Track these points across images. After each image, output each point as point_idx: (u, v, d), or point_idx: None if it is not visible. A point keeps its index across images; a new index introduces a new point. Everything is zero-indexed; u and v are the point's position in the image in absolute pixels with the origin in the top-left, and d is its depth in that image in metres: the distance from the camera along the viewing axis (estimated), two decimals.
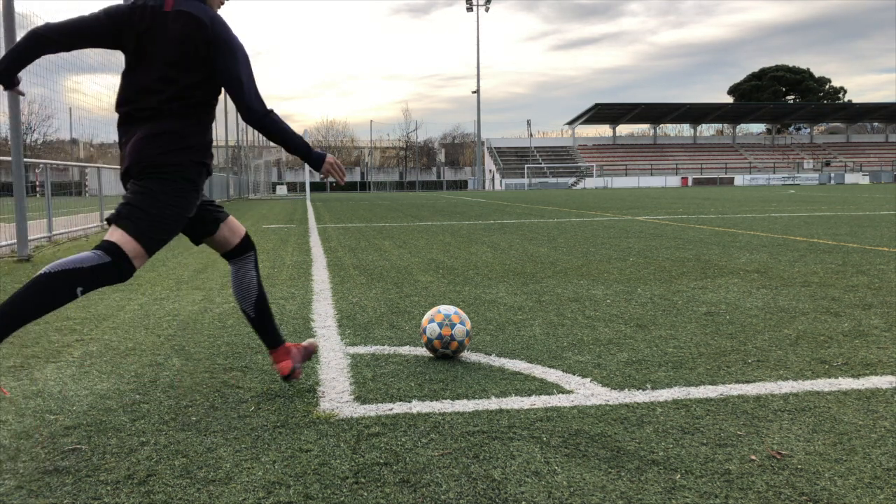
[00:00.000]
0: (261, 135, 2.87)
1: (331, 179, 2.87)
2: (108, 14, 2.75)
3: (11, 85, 2.79)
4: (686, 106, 75.72)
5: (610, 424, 2.54)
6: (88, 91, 12.58)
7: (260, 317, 3.00)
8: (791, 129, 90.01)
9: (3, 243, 8.66)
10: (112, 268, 2.55)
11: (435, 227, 12.86)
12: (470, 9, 69.47)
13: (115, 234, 2.61)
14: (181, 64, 2.70)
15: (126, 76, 2.79)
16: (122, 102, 2.78)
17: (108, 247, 2.57)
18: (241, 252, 2.99)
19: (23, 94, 3.00)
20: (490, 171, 77.05)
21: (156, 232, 2.65)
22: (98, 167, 14.82)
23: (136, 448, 2.38)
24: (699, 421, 2.56)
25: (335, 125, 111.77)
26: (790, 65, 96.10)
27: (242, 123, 37.38)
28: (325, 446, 2.37)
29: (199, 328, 4.25)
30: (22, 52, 2.71)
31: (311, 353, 3.15)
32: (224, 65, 2.71)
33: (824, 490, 2.01)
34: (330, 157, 2.85)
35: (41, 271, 2.49)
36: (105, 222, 3.15)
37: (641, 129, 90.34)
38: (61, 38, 2.71)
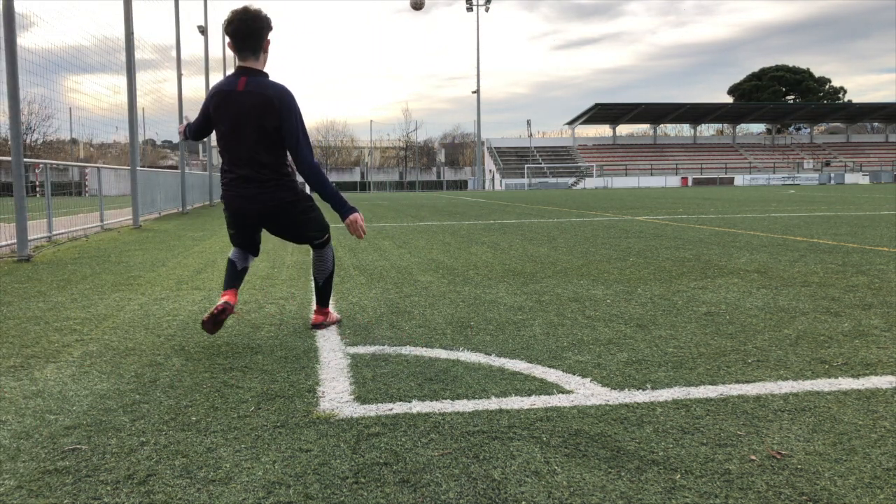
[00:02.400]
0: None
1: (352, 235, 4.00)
2: None
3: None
4: (686, 106, 75.71)
5: (610, 424, 2.54)
6: (88, 91, 12.60)
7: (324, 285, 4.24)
8: (791, 129, 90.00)
9: (3, 243, 8.66)
10: None
11: (435, 227, 12.87)
12: (470, 9, 69.42)
13: None
14: None
15: None
16: None
17: None
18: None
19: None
20: (490, 171, 77.03)
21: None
22: (98, 167, 14.82)
23: (136, 448, 2.38)
24: (699, 421, 2.56)
25: (335, 125, 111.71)
26: (790, 65, 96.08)
27: None
28: (325, 446, 2.37)
29: (199, 328, 4.25)
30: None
31: (334, 324, 4.28)
32: None
33: (824, 490, 2.01)
34: (353, 217, 3.91)
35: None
36: None
37: (641, 129, 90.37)
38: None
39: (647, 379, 3.07)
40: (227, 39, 3.86)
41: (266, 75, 3.86)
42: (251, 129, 3.76)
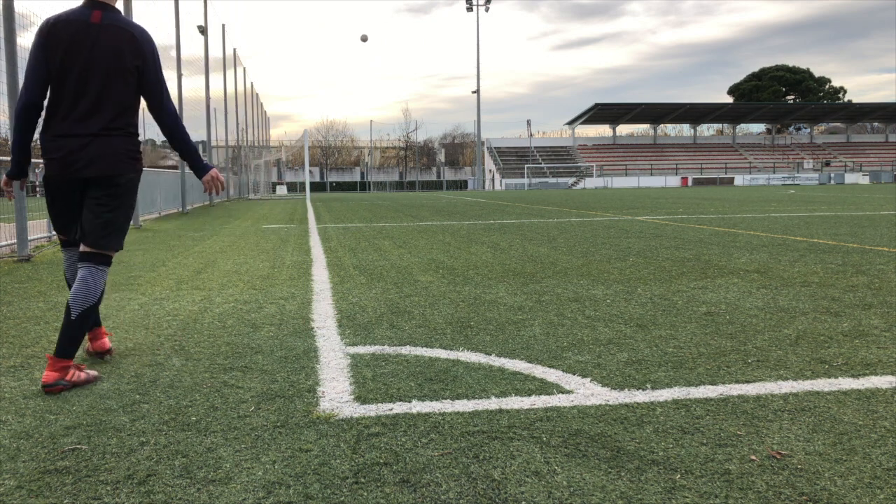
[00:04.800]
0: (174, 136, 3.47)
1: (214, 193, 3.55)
2: None
3: (26, 175, 3.40)
4: (686, 106, 75.70)
5: (610, 424, 2.54)
6: None
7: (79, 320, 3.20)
8: (791, 129, 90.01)
9: (3, 243, 8.65)
10: None
11: (435, 227, 12.86)
12: (470, 9, 69.45)
13: None
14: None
15: None
16: None
17: None
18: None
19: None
20: (490, 171, 77.04)
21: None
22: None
23: (136, 448, 2.38)
24: (699, 421, 2.56)
25: (335, 125, 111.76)
26: (790, 65, 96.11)
27: (242, 123, 37.42)
28: (325, 446, 2.37)
29: (199, 328, 4.25)
30: (24, 137, 3.28)
31: (86, 384, 3.14)
32: None
33: (824, 490, 2.01)
34: (213, 172, 3.49)
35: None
36: None
37: (641, 129, 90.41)
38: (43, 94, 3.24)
39: (647, 379, 3.07)
40: None
41: (120, 12, 3.33)
42: (109, 68, 3.20)
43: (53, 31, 3.18)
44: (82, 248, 3.28)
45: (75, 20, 3.19)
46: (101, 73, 3.20)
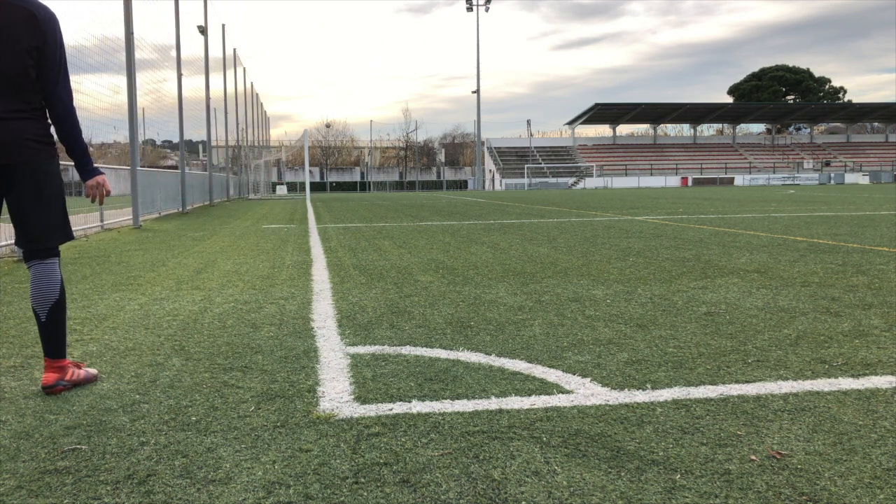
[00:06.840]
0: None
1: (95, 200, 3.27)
2: None
3: None
4: (686, 106, 75.69)
5: (610, 424, 2.54)
6: (88, 91, 12.57)
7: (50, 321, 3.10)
8: (791, 129, 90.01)
9: (3, 243, 8.65)
10: None
11: (435, 227, 12.86)
12: (470, 9, 69.46)
13: None
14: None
15: None
16: None
17: None
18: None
19: None
20: (490, 171, 77.03)
21: None
22: (98, 167, 14.78)
23: (136, 448, 2.38)
24: (699, 421, 2.56)
25: (335, 125, 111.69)
26: (790, 65, 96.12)
27: (242, 123, 37.41)
28: (325, 446, 2.37)
29: (199, 328, 4.25)
30: None
31: (87, 382, 3.15)
32: None
33: (824, 490, 2.01)
34: (100, 178, 3.25)
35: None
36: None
37: (641, 129, 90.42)
38: None
39: (647, 379, 3.07)
40: None
41: None
42: (3, 49, 2.95)
43: None
44: (25, 248, 3.11)
45: None
46: None
